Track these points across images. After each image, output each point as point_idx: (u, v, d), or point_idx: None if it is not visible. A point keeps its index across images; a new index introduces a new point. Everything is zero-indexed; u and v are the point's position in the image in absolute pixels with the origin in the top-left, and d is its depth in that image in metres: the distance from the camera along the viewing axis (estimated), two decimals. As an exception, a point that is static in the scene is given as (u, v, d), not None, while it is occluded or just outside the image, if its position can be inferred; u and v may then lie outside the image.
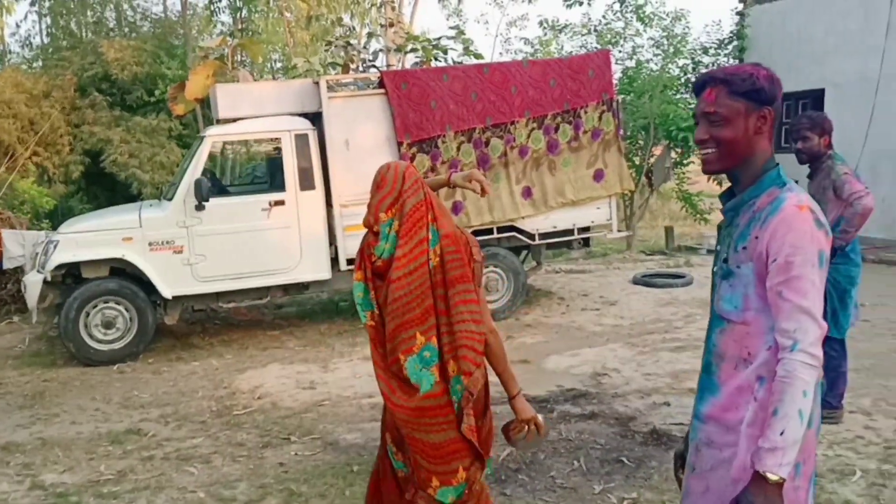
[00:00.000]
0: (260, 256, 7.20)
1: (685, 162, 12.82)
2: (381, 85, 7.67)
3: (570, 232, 8.22)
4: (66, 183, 13.36)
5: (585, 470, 4.27)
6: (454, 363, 2.57)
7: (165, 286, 6.99)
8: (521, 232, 8.01)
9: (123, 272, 7.04)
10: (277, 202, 7.29)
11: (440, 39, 12.04)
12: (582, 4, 15.23)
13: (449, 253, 2.59)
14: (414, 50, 12.08)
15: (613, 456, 4.42)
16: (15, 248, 8.43)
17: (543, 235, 8.14)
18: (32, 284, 6.92)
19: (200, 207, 6.98)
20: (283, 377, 6.35)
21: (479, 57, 12.12)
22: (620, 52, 13.80)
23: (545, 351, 6.76)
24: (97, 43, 14.29)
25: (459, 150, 7.67)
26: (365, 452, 4.59)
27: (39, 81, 13.66)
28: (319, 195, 7.42)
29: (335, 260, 7.49)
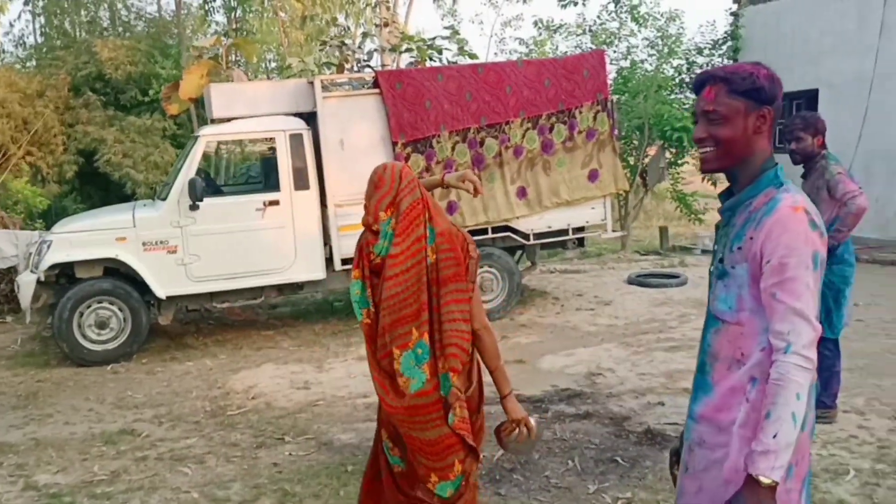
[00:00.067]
0: (254, 256, 7.18)
1: (680, 162, 12.85)
2: (375, 85, 7.66)
3: (564, 232, 8.23)
4: (59, 183, 13.32)
5: (580, 470, 4.27)
6: (443, 360, 2.61)
7: (159, 286, 6.97)
8: (515, 232, 8.00)
9: (117, 272, 7.02)
10: (272, 202, 7.27)
11: (435, 39, 12.06)
12: (577, 5, 15.25)
13: (443, 251, 2.62)
14: (409, 50, 12.09)
15: (608, 456, 4.43)
16: (8, 247, 8.41)
17: (538, 235, 8.15)
18: (26, 284, 6.90)
19: (194, 207, 6.96)
20: (277, 377, 6.34)
21: (473, 57, 12.14)
22: (615, 52, 13.83)
23: (540, 351, 6.76)
24: (91, 42, 14.25)
25: (454, 150, 7.66)
26: (359, 452, 4.58)
27: (33, 81, 13.62)
28: (314, 195, 7.40)
29: (329, 260, 7.48)
